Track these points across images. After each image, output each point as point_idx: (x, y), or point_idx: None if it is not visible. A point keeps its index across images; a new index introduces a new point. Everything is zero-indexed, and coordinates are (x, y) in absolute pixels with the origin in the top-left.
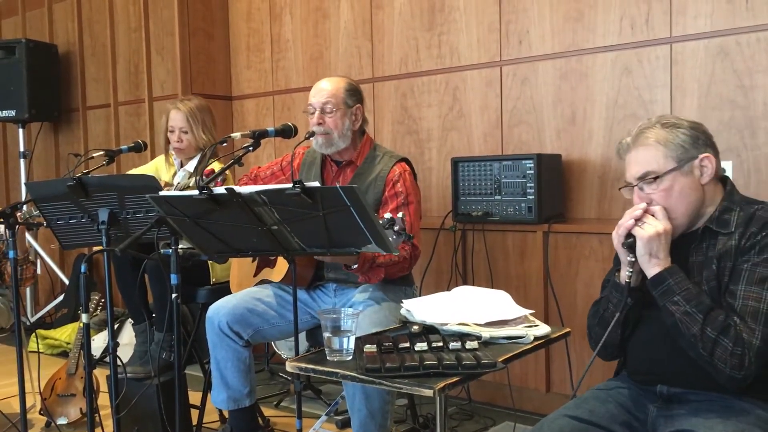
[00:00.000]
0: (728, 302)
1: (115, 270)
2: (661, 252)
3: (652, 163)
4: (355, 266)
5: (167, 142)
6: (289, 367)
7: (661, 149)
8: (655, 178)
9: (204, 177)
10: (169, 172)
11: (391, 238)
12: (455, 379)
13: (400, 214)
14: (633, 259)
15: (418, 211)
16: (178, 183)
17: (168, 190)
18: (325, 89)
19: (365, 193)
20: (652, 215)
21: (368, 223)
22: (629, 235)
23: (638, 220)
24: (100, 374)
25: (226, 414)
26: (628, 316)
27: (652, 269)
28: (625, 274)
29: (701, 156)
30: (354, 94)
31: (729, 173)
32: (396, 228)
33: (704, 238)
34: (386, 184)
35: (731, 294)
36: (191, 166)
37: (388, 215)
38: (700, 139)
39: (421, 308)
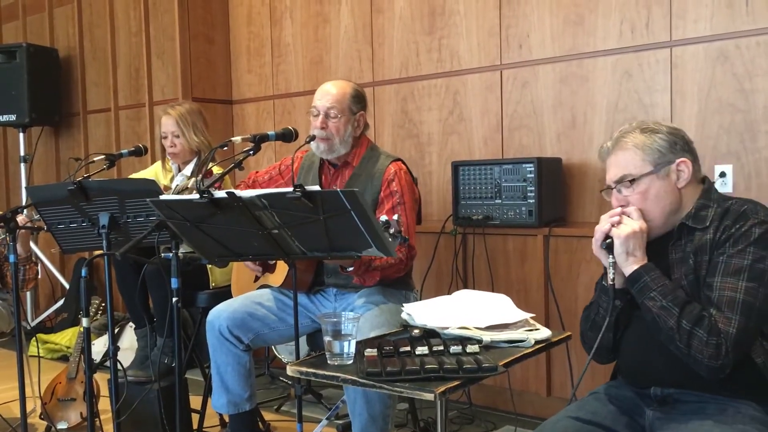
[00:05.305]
0: (706, 295)
1: (116, 274)
2: (638, 250)
3: (629, 166)
4: (351, 269)
5: (163, 148)
6: (290, 371)
7: (639, 153)
8: (632, 181)
9: (205, 179)
10: (167, 177)
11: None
12: (456, 383)
13: (395, 216)
14: (613, 260)
15: (413, 210)
16: (176, 186)
17: (167, 194)
18: (331, 93)
19: (363, 194)
20: (628, 216)
21: (369, 227)
22: (607, 236)
23: (614, 224)
24: (101, 378)
25: (226, 418)
26: (618, 318)
27: (629, 267)
28: (609, 276)
29: (678, 161)
30: (359, 101)
31: (729, 177)
32: (392, 231)
33: (681, 235)
34: (382, 184)
35: (708, 286)
36: (188, 170)
37: (384, 218)
38: (678, 144)
39: (422, 312)
